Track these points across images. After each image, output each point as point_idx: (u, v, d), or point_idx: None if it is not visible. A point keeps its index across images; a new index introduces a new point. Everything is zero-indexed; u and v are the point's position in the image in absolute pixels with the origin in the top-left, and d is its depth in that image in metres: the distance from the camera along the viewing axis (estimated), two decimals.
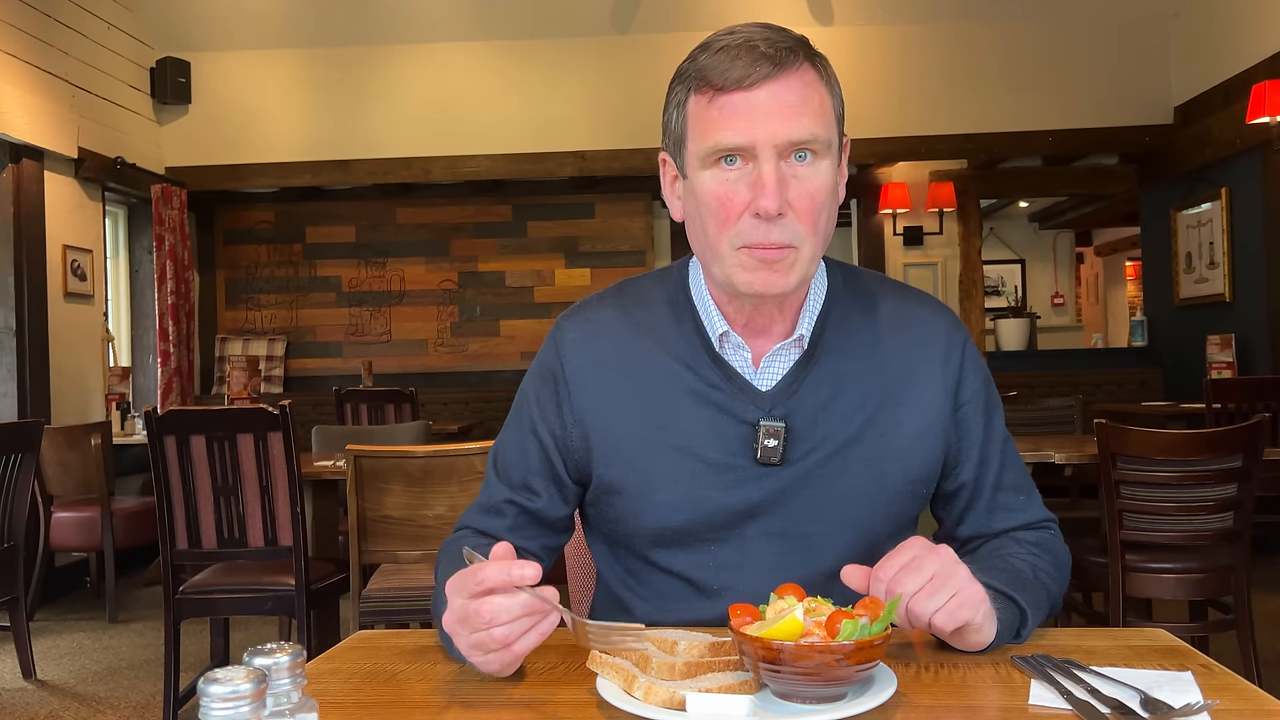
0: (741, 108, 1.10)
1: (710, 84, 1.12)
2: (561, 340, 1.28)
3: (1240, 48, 6.12)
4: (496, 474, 1.30)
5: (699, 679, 0.93)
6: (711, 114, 1.12)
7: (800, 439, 1.20)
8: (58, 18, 6.02)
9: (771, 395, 1.21)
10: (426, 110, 7.19)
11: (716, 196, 1.13)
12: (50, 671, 4.16)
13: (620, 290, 1.33)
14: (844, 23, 7.06)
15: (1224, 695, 0.91)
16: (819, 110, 1.13)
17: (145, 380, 7.11)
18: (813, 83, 1.13)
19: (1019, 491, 1.29)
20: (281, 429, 3.15)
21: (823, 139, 1.12)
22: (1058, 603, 1.23)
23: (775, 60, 1.10)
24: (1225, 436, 2.90)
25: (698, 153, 1.14)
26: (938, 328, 1.28)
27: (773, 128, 1.10)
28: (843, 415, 1.21)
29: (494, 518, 1.27)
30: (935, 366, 1.25)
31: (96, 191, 6.44)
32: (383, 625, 3.05)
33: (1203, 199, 6.62)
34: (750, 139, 1.10)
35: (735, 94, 1.11)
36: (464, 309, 8.12)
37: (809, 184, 1.12)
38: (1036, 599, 1.15)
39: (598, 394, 1.24)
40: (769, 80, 1.10)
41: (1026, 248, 12.07)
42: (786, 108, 1.10)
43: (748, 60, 1.10)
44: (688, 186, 1.18)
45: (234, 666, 0.66)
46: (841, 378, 1.22)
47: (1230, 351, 6.18)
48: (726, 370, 1.22)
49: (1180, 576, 2.99)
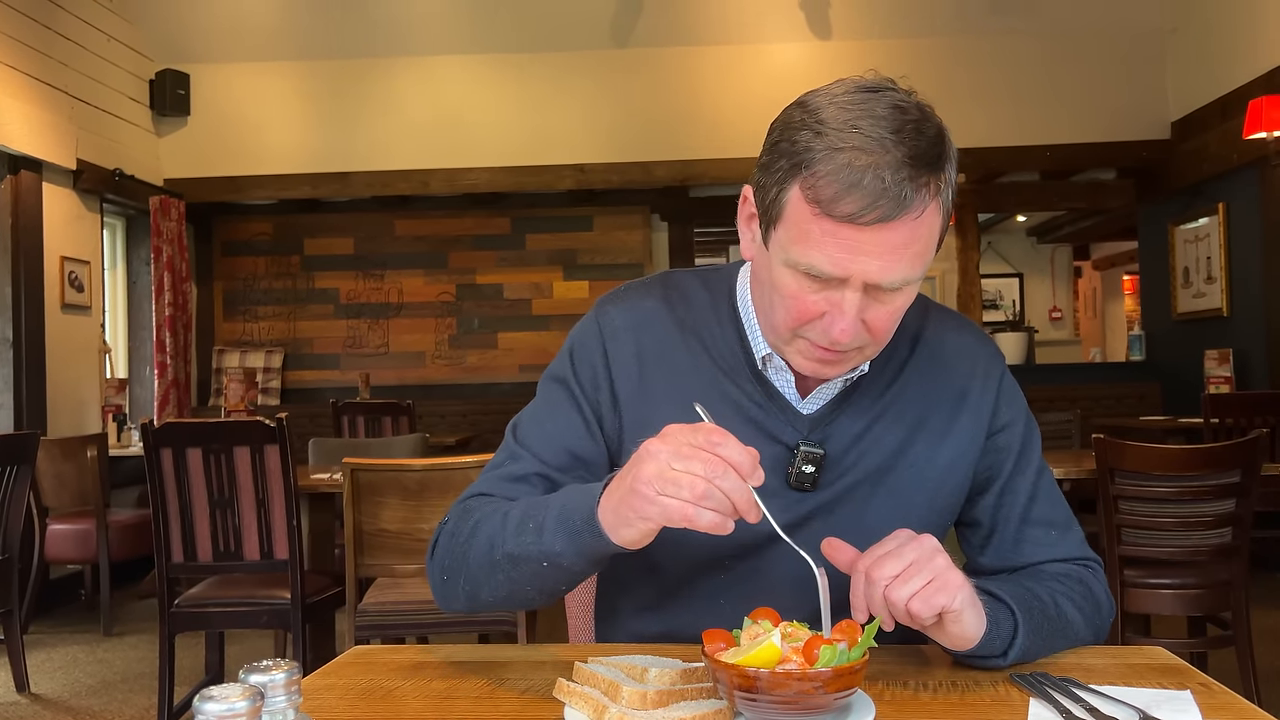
0: (846, 240, 1.01)
1: (818, 202, 1.01)
2: (606, 324, 1.24)
3: (1237, 64, 6.14)
4: (522, 445, 1.22)
5: (670, 708, 0.91)
6: (812, 230, 1.02)
7: (833, 466, 1.19)
8: (58, 30, 6.03)
9: (812, 420, 1.20)
10: (425, 123, 7.21)
11: (793, 296, 1.07)
12: (44, 685, 4.14)
13: (665, 283, 1.28)
14: (842, 37, 7.09)
15: (1223, 715, 0.91)
16: (926, 247, 1.04)
17: (142, 392, 7.10)
18: (932, 214, 1.03)
19: (1052, 527, 1.25)
20: (278, 441, 3.14)
21: (920, 275, 1.06)
22: (1084, 637, 1.18)
23: (900, 202, 0.99)
24: (1223, 452, 2.89)
25: (786, 248, 1.06)
26: (977, 358, 1.26)
27: (870, 270, 1.02)
28: (877, 444, 1.20)
29: (520, 486, 1.20)
30: (972, 397, 1.24)
31: (95, 203, 6.44)
32: (379, 640, 3.04)
33: (1200, 214, 6.64)
34: (844, 273, 1.03)
35: (845, 226, 1.01)
36: (462, 321, 8.12)
37: (890, 307, 1.08)
38: (1041, 616, 1.11)
39: (639, 384, 1.21)
40: (885, 224, 1.00)
41: (1024, 262, 12.10)
42: (893, 251, 1.02)
43: (868, 195, 0.99)
44: (767, 255, 1.10)
45: (229, 684, 0.65)
46: (881, 406, 1.21)
47: (1228, 366, 6.19)
48: (768, 388, 1.20)
49: (1179, 592, 2.99)
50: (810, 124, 1.03)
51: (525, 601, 1.15)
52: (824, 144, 1.01)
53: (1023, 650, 1.08)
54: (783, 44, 7.02)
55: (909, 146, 1.00)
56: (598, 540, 1.00)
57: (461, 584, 1.15)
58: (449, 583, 1.17)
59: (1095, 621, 1.20)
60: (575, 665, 1.00)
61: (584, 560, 1.05)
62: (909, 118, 1.02)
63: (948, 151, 1.06)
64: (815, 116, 1.03)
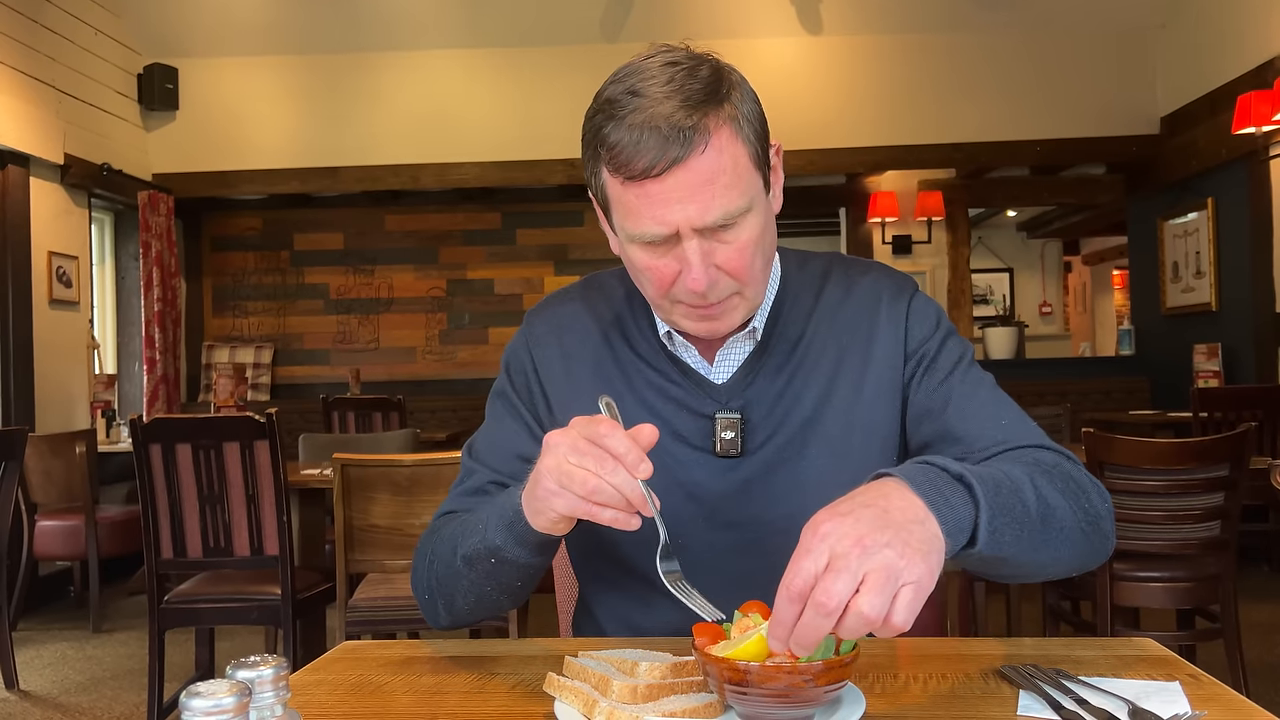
0: (656, 196, 1.05)
1: (619, 171, 1.06)
2: (530, 333, 1.31)
3: (1226, 59, 6.16)
4: (476, 460, 1.28)
5: (661, 702, 0.91)
6: (628, 199, 1.08)
7: (758, 428, 1.20)
8: (44, 24, 6.00)
9: (727, 387, 1.22)
10: (415, 117, 7.19)
11: (647, 267, 1.12)
12: (33, 682, 4.12)
13: (586, 285, 1.34)
14: (832, 32, 7.09)
15: (1212, 705, 0.91)
16: (734, 178, 1.06)
17: (131, 388, 7.07)
18: (725, 145, 1.06)
19: (1002, 418, 1.17)
20: (268, 437, 3.13)
21: (742, 205, 1.08)
22: (1076, 525, 1.04)
23: (681, 140, 1.03)
24: (1212, 445, 2.91)
25: (622, 227, 1.11)
26: (881, 288, 1.26)
27: (689, 213, 1.05)
28: (797, 398, 1.21)
29: (480, 498, 1.23)
30: (881, 326, 1.23)
31: (82, 198, 6.41)
32: (369, 635, 3.04)
33: (1189, 208, 6.66)
34: (669, 227, 1.06)
35: (647, 183, 1.05)
36: (452, 317, 8.10)
37: (735, 244, 1.09)
38: (1007, 483, 0.98)
39: (565, 382, 1.26)
40: (678, 165, 1.04)
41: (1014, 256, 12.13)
42: (701, 189, 1.05)
43: (653, 146, 1.03)
44: (619, 242, 1.15)
45: (216, 680, 0.65)
46: (795, 362, 1.23)
47: (1217, 360, 6.22)
48: (682, 365, 1.24)
49: (1168, 585, 3.00)
50: (599, 107, 1.09)
51: (494, 605, 1.18)
52: (610, 119, 1.06)
53: (992, 532, 0.93)
54: (773, 39, 7.02)
55: (681, 92, 1.04)
56: (527, 529, 1.05)
57: (439, 599, 1.20)
58: (430, 601, 1.21)
59: (1085, 507, 1.07)
60: (565, 659, 1.00)
61: (524, 549, 1.08)
62: (679, 68, 1.06)
63: (725, 83, 1.08)
64: (600, 99, 1.09)
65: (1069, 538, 1.04)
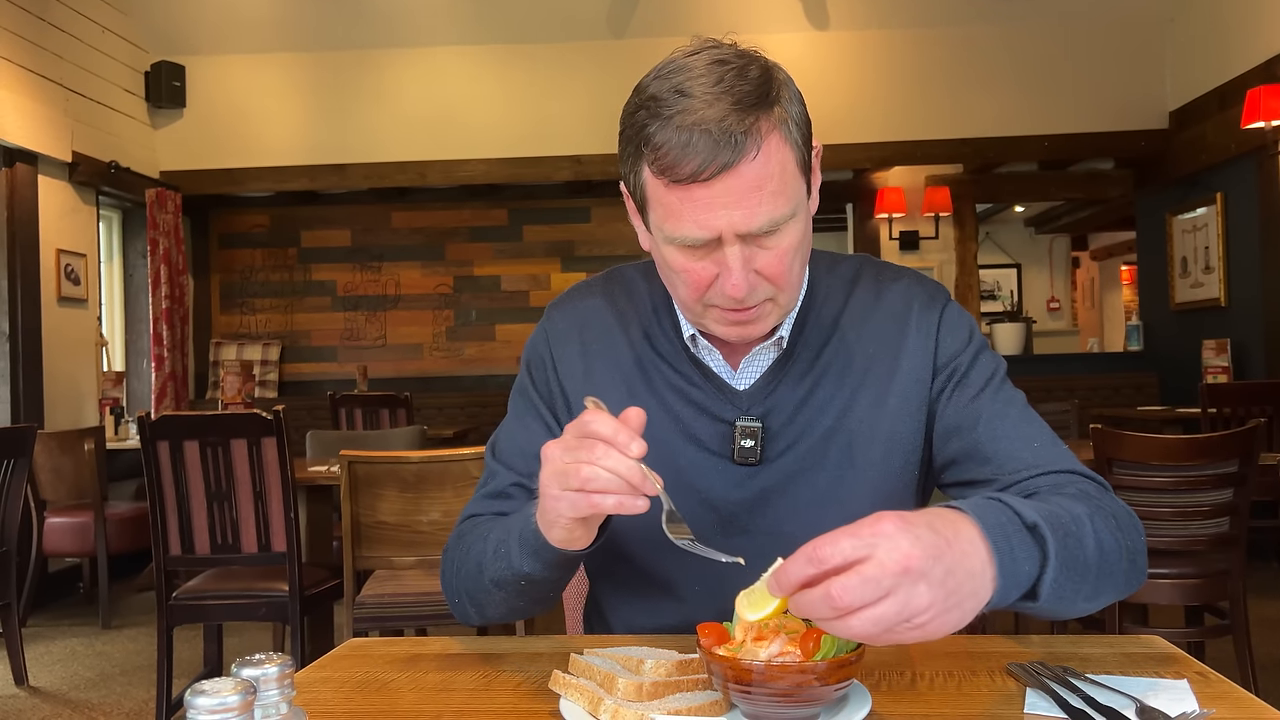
0: (701, 200, 1.02)
1: (664, 174, 1.03)
2: (551, 327, 1.29)
3: (1235, 53, 6.13)
4: (499, 461, 1.26)
5: (666, 699, 0.91)
6: (670, 201, 1.04)
7: (778, 437, 1.18)
8: (52, 21, 6.01)
9: (749, 394, 1.20)
10: (422, 114, 7.19)
11: (683, 269, 1.09)
12: (42, 678, 4.14)
13: (609, 278, 1.32)
14: (840, 27, 7.07)
15: (1220, 704, 0.90)
16: (780, 184, 1.03)
17: (139, 385, 7.09)
18: (774, 150, 1.03)
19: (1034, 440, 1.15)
20: (275, 434, 3.14)
21: (787, 212, 1.05)
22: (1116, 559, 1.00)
23: (732, 146, 1.00)
24: (1221, 441, 2.89)
25: (660, 227, 1.08)
26: (912, 296, 1.22)
27: (734, 219, 1.02)
28: (819, 408, 1.19)
29: (503, 502, 1.23)
30: (910, 336, 1.20)
31: (90, 196, 6.43)
32: (377, 632, 3.04)
33: (1198, 204, 6.63)
34: (713, 231, 1.03)
35: (693, 187, 1.02)
36: (459, 313, 8.11)
37: (776, 250, 1.07)
38: (1074, 531, 0.95)
39: (584, 379, 1.24)
40: (727, 171, 1.00)
41: (1022, 252, 12.10)
42: (748, 195, 1.02)
43: (702, 150, 1.00)
44: (653, 241, 1.13)
45: (221, 678, 0.65)
46: (820, 369, 1.20)
47: (1226, 356, 6.19)
48: (704, 369, 1.21)
49: (1176, 582, 2.99)
50: (642, 103, 1.05)
51: (526, 612, 1.19)
52: (655, 117, 1.03)
53: (1056, 588, 0.92)
54: (780, 34, 7.00)
55: (731, 94, 1.01)
56: (550, 550, 1.04)
57: (469, 606, 1.20)
58: (460, 604, 1.22)
59: (1128, 545, 1.04)
60: (571, 657, 1.00)
61: (554, 570, 1.08)
62: (728, 67, 1.03)
63: (776, 86, 1.05)
64: (644, 95, 1.06)
65: (1114, 581, 1.02)
